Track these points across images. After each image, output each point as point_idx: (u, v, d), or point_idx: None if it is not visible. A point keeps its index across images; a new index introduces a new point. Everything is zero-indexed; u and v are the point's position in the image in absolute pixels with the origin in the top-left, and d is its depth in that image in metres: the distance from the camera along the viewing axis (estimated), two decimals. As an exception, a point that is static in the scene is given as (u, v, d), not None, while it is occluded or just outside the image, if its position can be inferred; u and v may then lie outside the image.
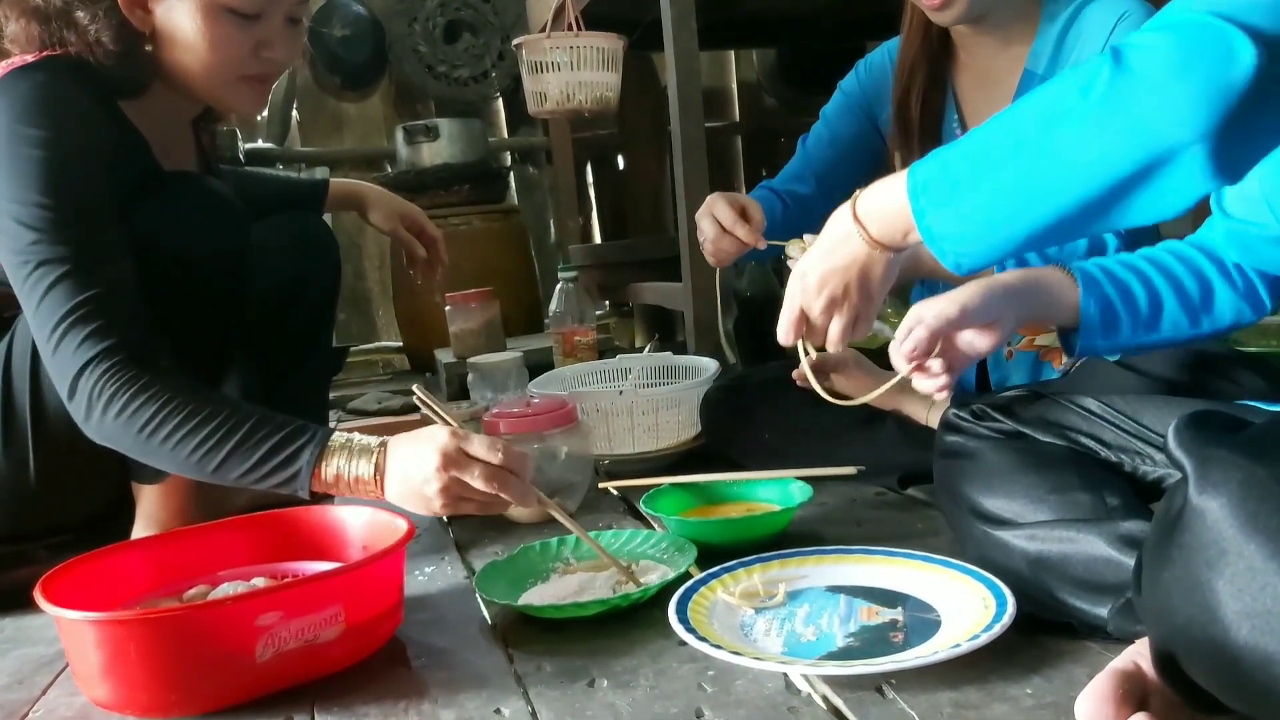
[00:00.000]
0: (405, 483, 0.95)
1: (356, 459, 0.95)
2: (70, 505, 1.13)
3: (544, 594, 0.98)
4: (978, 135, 0.71)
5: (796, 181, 1.48)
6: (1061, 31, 1.21)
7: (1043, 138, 0.67)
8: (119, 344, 0.95)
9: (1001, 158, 0.68)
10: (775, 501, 1.18)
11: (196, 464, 0.94)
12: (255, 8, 1.09)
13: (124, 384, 0.93)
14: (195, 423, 0.93)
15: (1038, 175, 0.67)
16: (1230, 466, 0.54)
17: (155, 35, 1.08)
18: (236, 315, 1.20)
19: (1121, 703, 0.61)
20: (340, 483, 0.95)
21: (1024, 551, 0.82)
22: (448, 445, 0.94)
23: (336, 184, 1.57)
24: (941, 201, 0.72)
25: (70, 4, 1.04)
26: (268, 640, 0.80)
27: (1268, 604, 0.50)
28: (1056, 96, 0.67)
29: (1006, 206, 0.69)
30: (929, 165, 0.74)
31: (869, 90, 1.43)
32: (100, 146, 1.03)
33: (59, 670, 0.94)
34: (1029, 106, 0.69)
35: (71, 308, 0.95)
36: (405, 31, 3.25)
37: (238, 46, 1.09)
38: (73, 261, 0.96)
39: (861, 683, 0.75)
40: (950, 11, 1.19)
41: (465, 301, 2.27)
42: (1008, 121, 0.70)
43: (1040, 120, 0.67)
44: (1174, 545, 0.55)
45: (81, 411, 0.95)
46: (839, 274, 0.83)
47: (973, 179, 0.70)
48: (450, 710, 0.79)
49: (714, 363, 1.56)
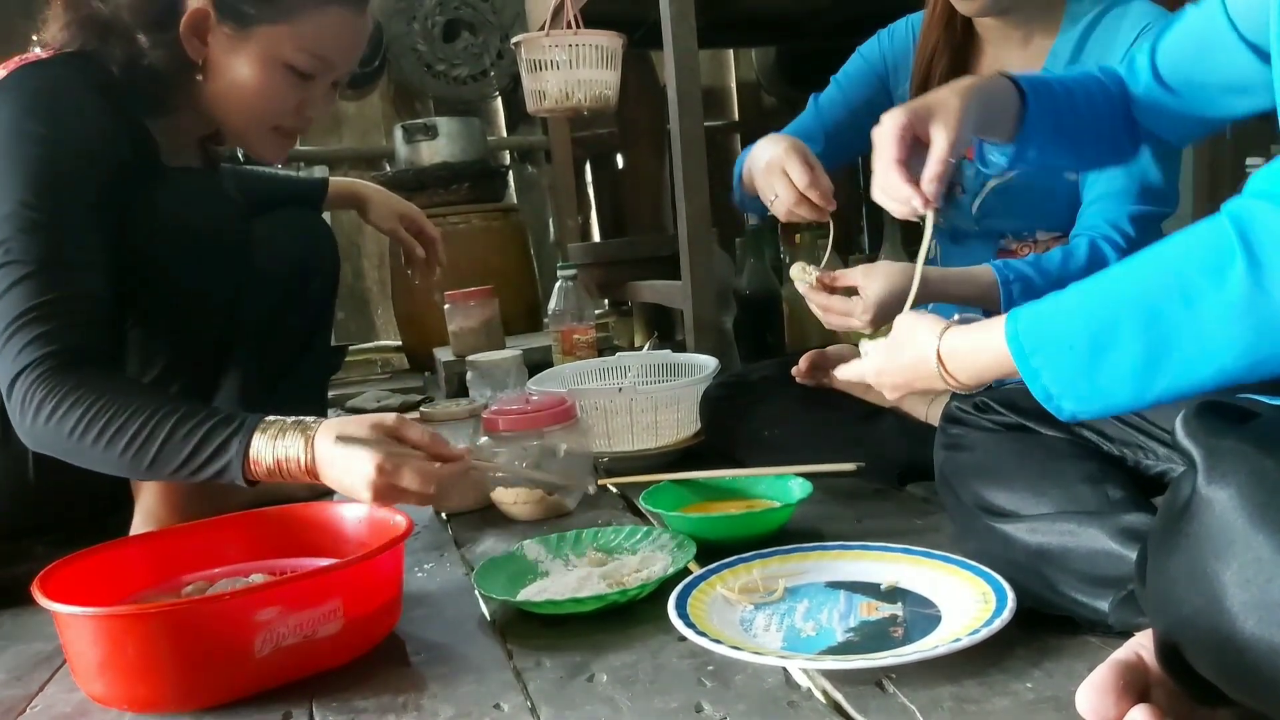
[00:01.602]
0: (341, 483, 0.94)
1: (286, 441, 0.94)
2: (68, 502, 1.13)
3: (542, 590, 0.97)
4: (1089, 295, 0.67)
5: (806, 139, 1.46)
6: (1083, 35, 1.21)
7: (1178, 316, 0.62)
8: (58, 350, 0.94)
9: (1130, 330, 0.64)
10: (775, 498, 1.17)
11: (130, 462, 0.94)
12: (313, 69, 1.10)
13: (53, 389, 0.93)
14: (122, 421, 0.93)
15: (1176, 354, 0.62)
16: (1239, 457, 0.53)
17: (204, 67, 1.08)
18: (236, 313, 1.20)
19: (1123, 694, 0.61)
20: (278, 467, 0.94)
21: (1025, 544, 0.82)
22: (377, 483, 0.92)
23: (336, 183, 1.57)
24: (1061, 366, 0.68)
25: (135, 25, 1.04)
26: (266, 635, 0.79)
27: (1275, 596, 0.50)
28: (1183, 272, 0.61)
29: (1140, 380, 0.65)
30: (1035, 323, 0.69)
31: (890, 60, 1.41)
32: (104, 147, 1.03)
33: (57, 666, 0.94)
34: (1149, 274, 0.64)
35: (23, 311, 0.94)
36: (404, 30, 3.25)
37: (283, 101, 1.11)
38: (37, 264, 0.96)
39: (862, 677, 0.75)
40: (977, 1, 1.19)
41: (464, 300, 2.27)
42: (1126, 287, 0.65)
43: (1171, 295, 0.62)
44: (1180, 535, 0.55)
45: (17, 415, 0.95)
46: (915, 385, 0.84)
47: (1096, 348, 0.66)
48: (449, 705, 0.79)
49: (713, 360, 1.56)
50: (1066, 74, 1.02)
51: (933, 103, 0.90)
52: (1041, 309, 0.69)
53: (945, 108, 0.89)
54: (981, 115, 0.93)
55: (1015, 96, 0.96)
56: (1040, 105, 0.96)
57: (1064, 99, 0.98)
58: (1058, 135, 0.99)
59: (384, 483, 0.92)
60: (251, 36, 1.06)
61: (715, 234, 1.93)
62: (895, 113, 0.90)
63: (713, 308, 1.82)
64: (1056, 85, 0.99)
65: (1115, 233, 1.15)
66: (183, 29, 1.04)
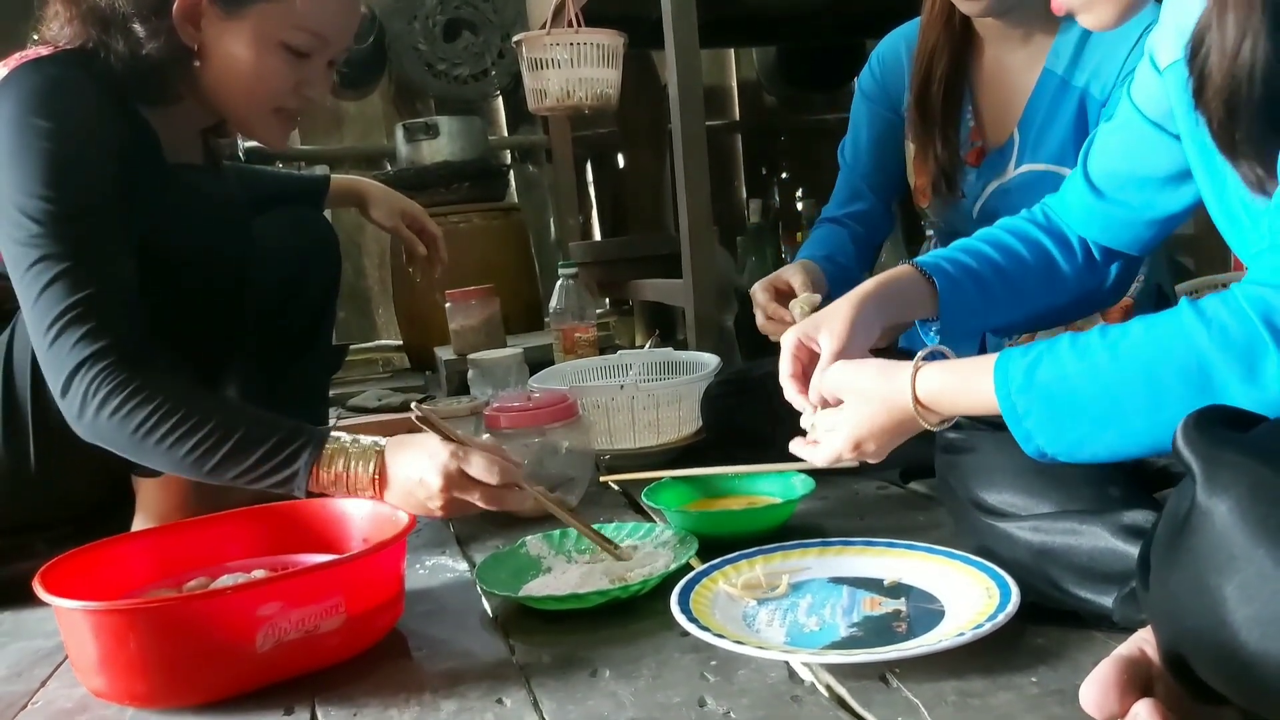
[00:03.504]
0: (408, 497, 0.98)
1: (354, 462, 0.98)
2: (70, 498, 1.13)
3: (545, 586, 0.97)
4: (1101, 366, 0.65)
5: (852, 200, 1.48)
6: (1083, 33, 1.20)
7: (1191, 401, 0.61)
8: (114, 344, 0.95)
9: (1137, 407, 0.64)
10: (777, 495, 1.17)
11: (192, 465, 0.95)
12: (309, 47, 1.10)
13: (119, 385, 0.94)
14: (191, 424, 0.94)
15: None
16: (1239, 469, 0.52)
17: (200, 52, 1.08)
18: (237, 311, 1.20)
19: (1126, 689, 0.60)
20: (339, 484, 0.98)
21: (1027, 543, 0.81)
22: (449, 467, 0.96)
23: (337, 180, 1.57)
24: (1054, 425, 0.68)
25: (130, 15, 1.04)
26: (268, 630, 0.79)
27: (1278, 610, 0.49)
28: (1206, 362, 0.61)
29: (1131, 445, 0.66)
30: (1032, 391, 0.68)
31: (886, 84, 1.42)
32: (109, 142, 1.03)
33: (58, 662, 0.94)
34: (1165, 354, 0.63)
35: (68, 305, 0.95)
36: (405, 29, 3.25)
37: (282, 80, 1.11)
38: (72, 259, 0.96)
39: (865, 672, 0.75)
40: (980, 2, 1.19)
41: (465, 298, 2.27)
42: (1135, 367, 0.64)
43: (1190, 382, 0.62)
44: (1181, 549, 0.54)
45: (75, 410, 0.95)
46: (898, 438, 0.83)
47: (1098, 422, 0.66)
48: (451, 701, 0.78)
49: (714, 358, 1.56)
50: (990, 234, 1.00)
51: (823, 317, 0.90)
52: (1039, 376, 0.68)
53: (833, 320, 0.89)
54: (885, 314, 0.91)
55: (923, 284, 0.94)
56: (953, 285, 0.94)
57: (985, 268, 0.96)
58: (988, 304, 0.96)
59: (453, 479, 0.96)
60: (244, 18, 1.06)
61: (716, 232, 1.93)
62: (790, 333, 0.91)
63: (714, 306, 1.82)
64: (974, 256, 0.97)
65: None
66: (175, 15, 1.04)
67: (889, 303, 0.92)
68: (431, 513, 0.99)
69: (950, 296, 0.94)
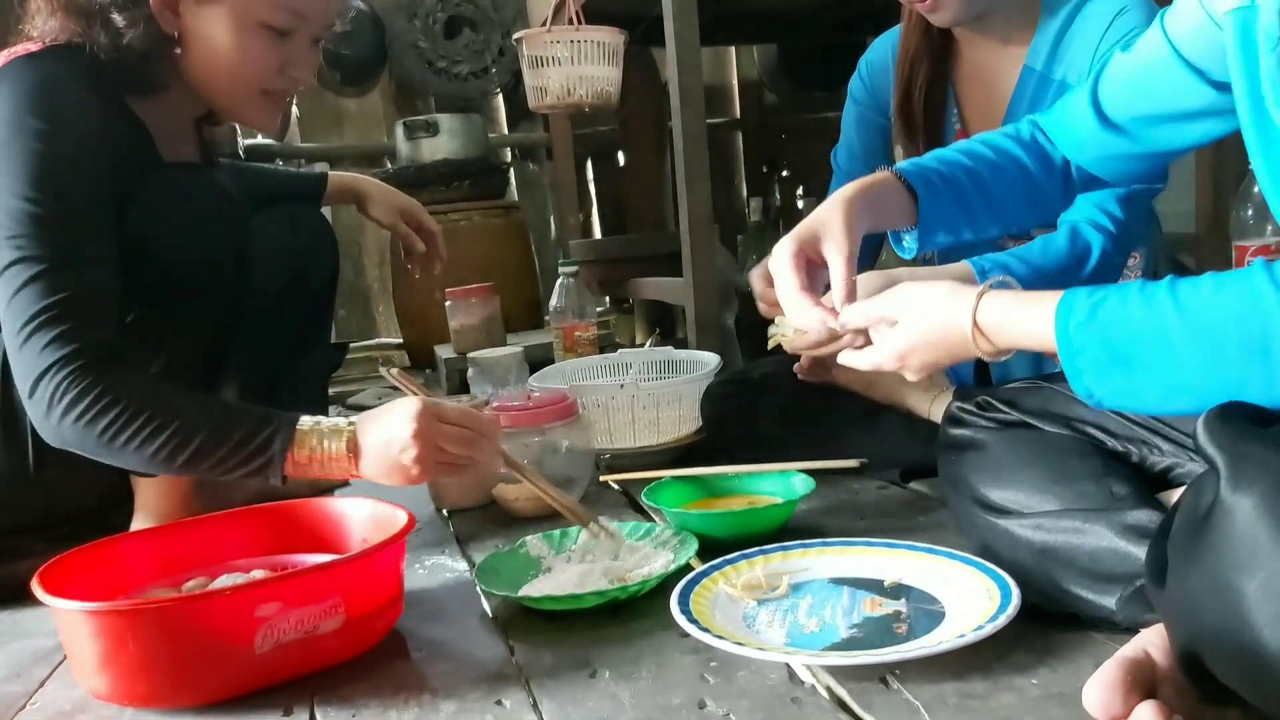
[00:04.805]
0: (383, 456, 0.96)
1: (328, 439, 0.96)
2: (69, 498, 1.12)
3: (544, 586, 0.97)
4: (1166, 317, 0.64)
5: None
6: (1061, 28, 1.21)
7: (1248, 366, 0.61)
8: (83, 348, 0.94)
9: (1193, 363, 0.63)
10: (777, 494, 1.17)
11: (163, 462, 0.94)
12: (289, 25, 1.09)
13: (83, 390, 0.93)
14: (156, 424, 0.93)
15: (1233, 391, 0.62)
16: (1263, 463, 0.52)
17: (181, 39, 1.08)
18: (236, 309, 1.19)
19: (1130, 690, 0.60)
20: (314, 463, 0.96)
21: (1030, 542, 0.81)
22: (420, 411, 0.95)
23: (335, 178, 1.56)
24: (1107, 366, 0.67)
25: (108, 5, 1.04)
26: (267, 631, 0.79)
27: None
28: (1273, 329, 0.60)
29: (1182, 402, 0.65)
30: (1089, 330, 0.67)
31: (875, 89, 1.44)
32: (102, 141, 1.02)
33: (57, 663, 0.93)
34: (1232, 316, 0.62)
35: (42, 308, 0.94)
36: (405, 27, 3.24)
37: (264, 62, 1.10)
38: (49, 262, 0.95)
39: (866, 673, 0.74)
40: (944, 13, 1.19)
41: (465, 297, 2.27)
42: (1204, 323, 0.63)
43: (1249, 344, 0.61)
44: (1201, 546, 0.53)
45: (41, 414, 0.94)
46: (943, 361, 0.81)
47: (1151, 372, 0.65)
48: (451, 701, 0.78)
49: (715, 357, 1.56)
50: (967, 147, 0.99)
51: (817, 224, 0.88)
52: (1101, 315, 0.67)
53: (831, 226, 0.87)
54: (871, 219, 0.91)
55: (904, 193, 0.94)
56: (934, 194, 0.94)
57: (964, 180, 0.96)
58: (965, 216, 0.97)
59: (425, 424, 0.94)
60: (220, 1, 1.06)
61: (717, 231, 1.93)
62: (784, 243, 0.89)
63: (714, 304, 1.81)
64: (953, 168, 0.96)
65: (1102, 215, 1.15)
66: (153, 2, 1.04)
67: (870, 208, 0.91)
68: (409, 473, 0.95)
69: (931, 209, 0.94)
